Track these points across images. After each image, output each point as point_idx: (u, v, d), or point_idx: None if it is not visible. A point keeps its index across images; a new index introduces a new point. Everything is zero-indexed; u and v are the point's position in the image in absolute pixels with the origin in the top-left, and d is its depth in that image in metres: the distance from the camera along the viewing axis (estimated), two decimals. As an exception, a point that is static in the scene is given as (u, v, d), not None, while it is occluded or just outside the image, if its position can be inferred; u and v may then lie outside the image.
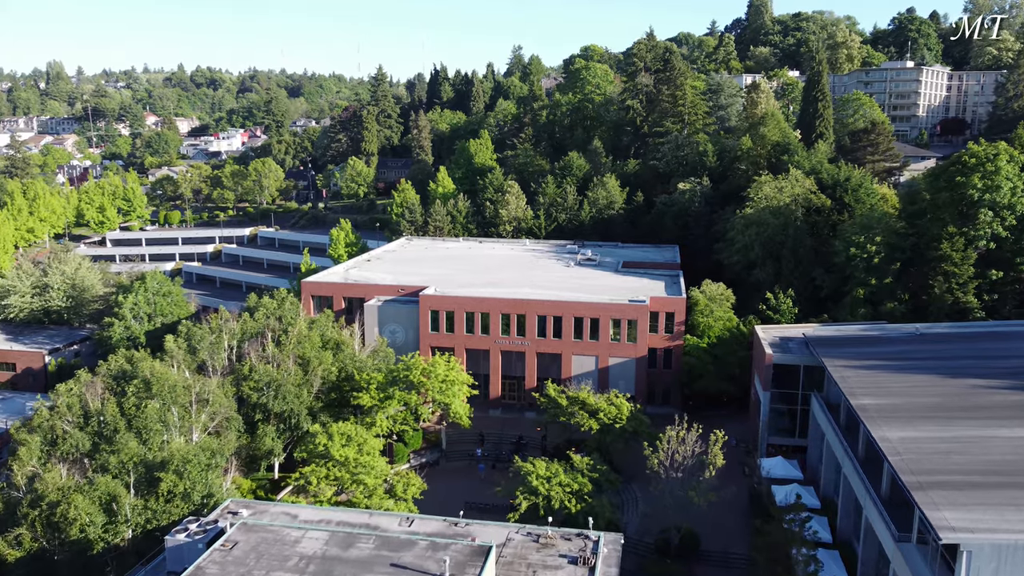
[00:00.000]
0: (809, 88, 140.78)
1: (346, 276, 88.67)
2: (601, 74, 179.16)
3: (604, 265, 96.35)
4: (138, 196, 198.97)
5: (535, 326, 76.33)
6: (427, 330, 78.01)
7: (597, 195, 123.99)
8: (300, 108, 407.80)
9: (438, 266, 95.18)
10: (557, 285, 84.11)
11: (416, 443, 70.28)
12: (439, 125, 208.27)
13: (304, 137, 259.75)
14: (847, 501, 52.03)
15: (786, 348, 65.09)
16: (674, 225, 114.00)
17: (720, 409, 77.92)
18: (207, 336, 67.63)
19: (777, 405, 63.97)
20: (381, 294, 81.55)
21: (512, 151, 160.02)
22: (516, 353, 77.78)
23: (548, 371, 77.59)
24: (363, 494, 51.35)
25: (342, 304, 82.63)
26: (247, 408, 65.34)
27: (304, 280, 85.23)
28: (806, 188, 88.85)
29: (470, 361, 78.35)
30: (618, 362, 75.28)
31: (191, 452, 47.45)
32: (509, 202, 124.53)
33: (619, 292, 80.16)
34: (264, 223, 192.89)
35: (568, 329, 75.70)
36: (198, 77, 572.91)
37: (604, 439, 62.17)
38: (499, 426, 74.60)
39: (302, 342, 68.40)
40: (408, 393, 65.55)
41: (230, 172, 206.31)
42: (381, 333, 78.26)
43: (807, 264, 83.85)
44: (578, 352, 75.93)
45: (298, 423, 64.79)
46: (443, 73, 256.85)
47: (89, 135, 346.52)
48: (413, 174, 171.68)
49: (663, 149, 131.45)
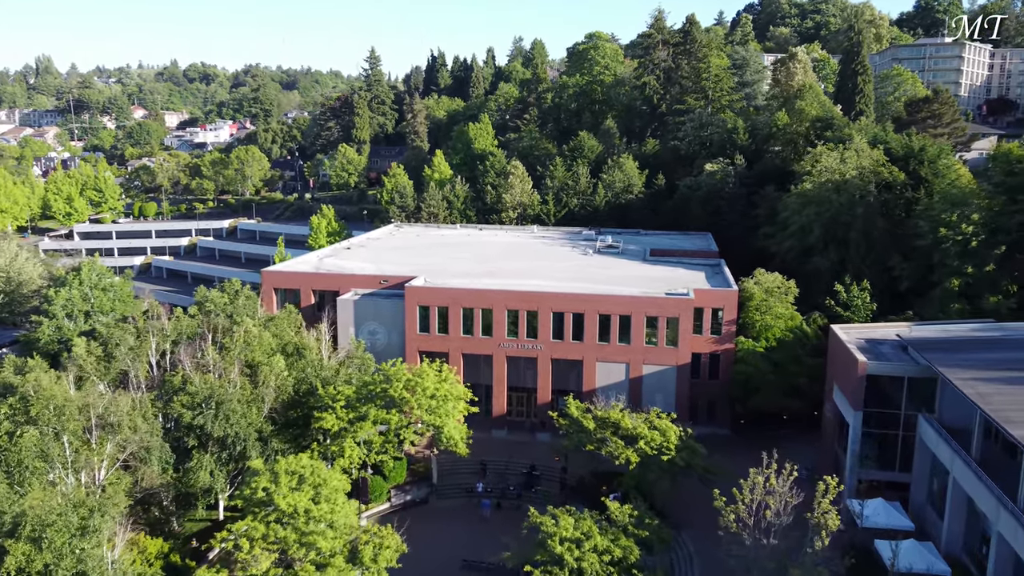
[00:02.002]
0: (847, 62, 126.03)
1: (319, 266, 73.48)
2: (611, 54, 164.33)
3: (629, 253, 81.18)
4: (110, 186, 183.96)
5: (549, 325, 61.14)
6: (414, 330, 62.81)
7: (613, 178, 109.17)
8: (294, 101, 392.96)
9: (431, 254, 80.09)
10: (575, 276, 68.99)
11: (399, 476, 55.02)
12: (436, 112, 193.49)
13: (293, 126, 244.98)
14: (1002, 566, 36.92)
15: (879, 354, 49.95)
16: (702, 210, 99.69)
17: (778, 429, 62.88)
18: (127, 339, 52.48)
19: (872, 428, 48.80)
20: (359, 286, 66.41)
21: (515, 134, 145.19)
22: (525, 359, 62.61)
23: (565, 382, 62.42)
24: (315, 564, 36.11)
25: (311, 298, 67.46)
26: (180, 431, 50.37)
27: (265, 270, 70.02)
28: (874, 160, 73.73)
29: (468, 369, 63.21)
30: (654, 371, 59.98)
31: (55, 510, 32.25)
32: (513, 185, 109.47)
33: (651, 284, 65.07)
34: (246, 215, 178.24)
35: (591, 329, 60.45)
36: (191, 72, 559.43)
37: (645, 475, 46.95)
38: (505, 452, 59.32)
39: (251, 344, 53.27)
40: (387, 412, 50.47)
41: (210, 161, 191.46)
42: (358, 334, 63.14)
43: (881, 249, 68.66)
44: (604, 358, 60.59)
45: (244, 451, 49.76)
46: (441, 59, 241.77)
47: (70, 127, 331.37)
48: (407, 160, 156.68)
49: (685, 128, 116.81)
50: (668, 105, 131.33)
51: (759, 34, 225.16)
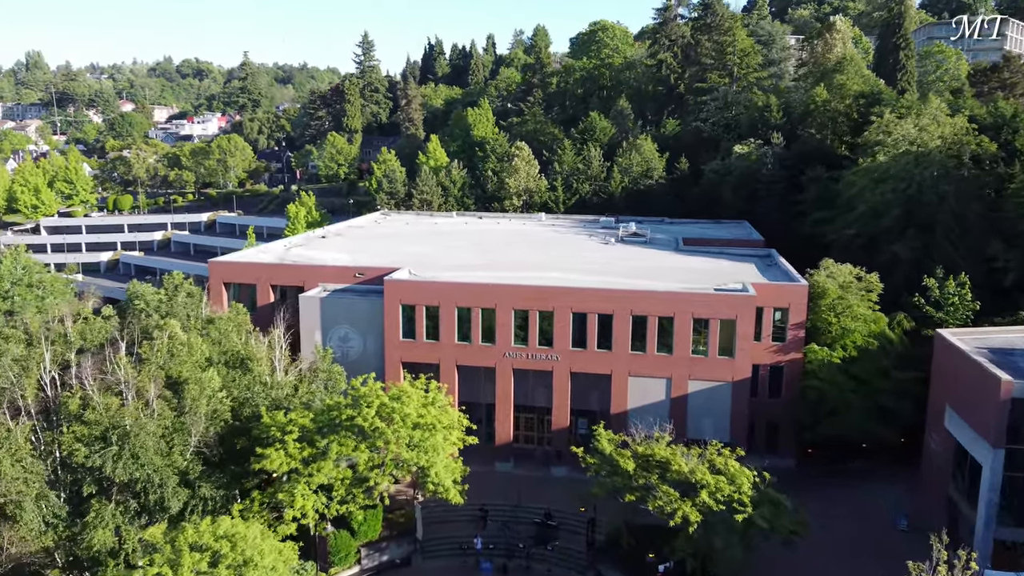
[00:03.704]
0: (886, 36, 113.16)
1: (283, 256, 60.37)
2: (620, 36, 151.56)
3: (658, 243, 68.07)
4: (81, 178, 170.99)
5: (569, 330, 48.09)
6: (396, 336, 49.74)
7: (630, 161, 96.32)
8: (288, 95, 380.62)
9: (421, 244, 67.09)
10: (597, 269, 55.92)
11: (371, 530, 41.88)
12: (433, 101, 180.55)
13: (283, 117, 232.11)
14: None
15: (1018, 369, 37.08)
16: (734, 196, 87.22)
17: (852, 460, 50.05)
18: (11, 348, 39.44)
19: (1020, 472, 35.89)
20: (330, 280, 53.37)
21: (518, 117, 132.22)
22: (537, 373, 49.55)
23: (588, 401, 49.43)
24: None
25: (270, 295, 54.40)
26: (76, 473, 37.47)
27: (213, 261, 56.81)
28: (957, 128, 60.78)
29: (464, 386, 50.15)
30: (703, 388, 46.91)
31: None
32: (518, 169, 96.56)
33: (692, 278, 52.11)
34: (228, 208, 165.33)
35: (622, 335, 47.39)
36: (185, 68, 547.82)
37: (709, 539, 33.87)
38: (511, 491, 46.16)
39: (177, 355, 40.25)
40: (356, 446, 37.47)
41: (190, 151, 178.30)
42: (326, 341, 50.09)
43: (978, 234, 55.64)
44: (638, 372, 47.51)
45: (163, 500, 36.80)
46: (438, 48, 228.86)
47: (53, 120, 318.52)
48: (400, 148, 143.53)
49: (708, 108, 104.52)
50: (687, 84, 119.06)
51: (776, 18, 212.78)
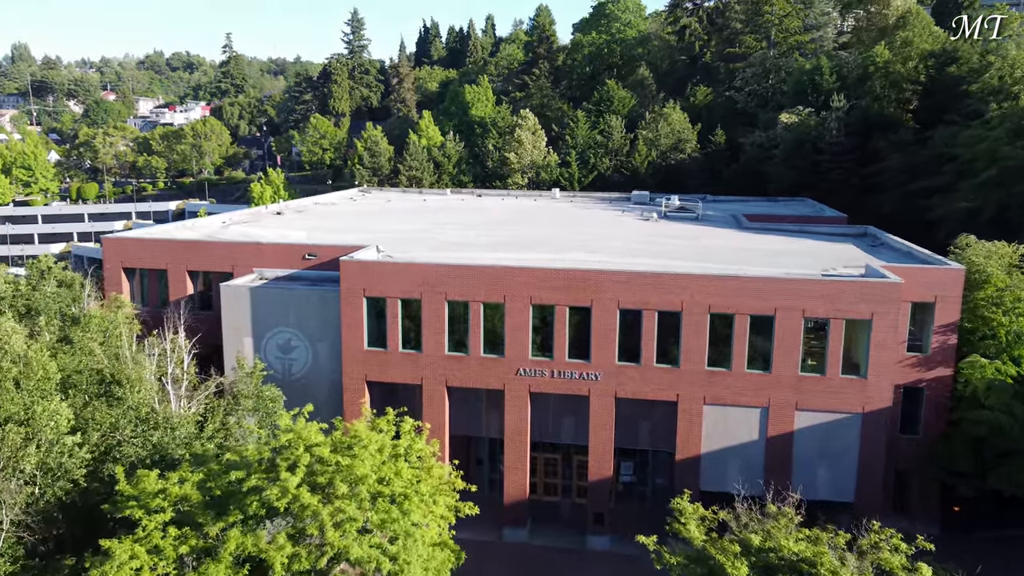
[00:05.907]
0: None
1: (213, 233, 44.87)
2: (633, 8, 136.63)
3: (710, 220, 52.49)
4: (41, 164, 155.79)
5: (614, 333, 32.67)
6: (358, 343, 34.20)
7: (658, 132, 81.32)
8: (279, 86, 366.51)
9: (403, 221, 51.60)
10: (639, 250, 40.53)
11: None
12: (428, 84, 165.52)
13: (267, 103, 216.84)
14: None
15: None
16: (785, 170, 73.04)
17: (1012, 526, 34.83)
18: None
19: None
20: (271, 264, 37.86)
21: (521, 92, 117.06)
22: (565, 398, 34.07)
23: (639, 437, 34.01)
24: None
25: (188, 286, 38.83)
26: None
27: (107, 236, 40.92)
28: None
29: (458, 416, 34.76)
30: (817, 422, 31.43)
31: None
32: (523, 141, 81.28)
33: (784, 261, 36.81)
34: (202, 197, 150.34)
35: (695, 342, 31.83)
36: (174, 61, 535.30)
37: None
38: None
39: (2, 379, 24.90)
40: (273, 536, 22.08)
41: (160, 135, 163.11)
42: (259, 350, 34.71)
43: None
44: (718, 398, 31.97)
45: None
46: (434, 30, 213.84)
47: (29, 109, 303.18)
48: (390, 129, 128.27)
49: (743, 75, 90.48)
50: (716, 51, 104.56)
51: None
